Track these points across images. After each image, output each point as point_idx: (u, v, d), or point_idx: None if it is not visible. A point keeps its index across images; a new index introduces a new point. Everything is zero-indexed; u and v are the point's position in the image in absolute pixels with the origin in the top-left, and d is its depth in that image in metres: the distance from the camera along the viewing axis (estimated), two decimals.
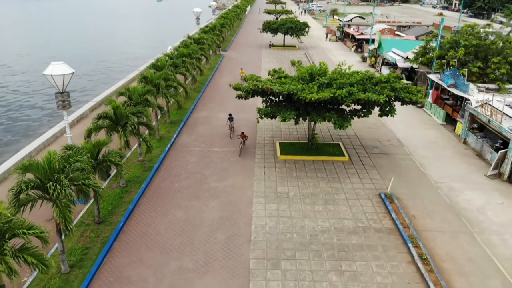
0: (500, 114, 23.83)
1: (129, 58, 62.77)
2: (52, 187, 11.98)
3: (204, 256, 15.47)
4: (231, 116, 27.34)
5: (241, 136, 24.80)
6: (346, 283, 14.28)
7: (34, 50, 70.26)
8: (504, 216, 19.02)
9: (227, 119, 27.44)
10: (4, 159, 23.75)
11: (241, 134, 24.86)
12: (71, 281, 13.77)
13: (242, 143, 24.70)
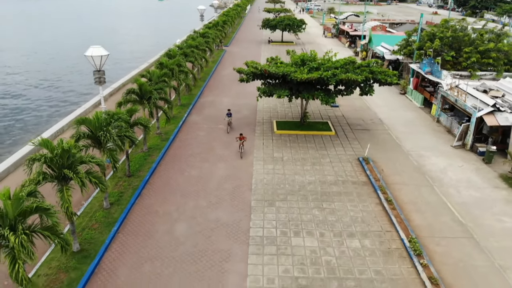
0: (465, 94, 27.90)
1: (135, 55, 66.79)
2: (103, 135, 16.03)
3: (215, 198, 19.53)
4: (229, 112, 28.05)
5: (239, 138, 23.94)
6: (325, 216, 18.34)
7: (53, 43, 74.35)
8: (461, 175, 23.06)
9: (226, 114, 28.18)
10: (43, 130, 27.87)
11: (240, 136, 24.00)
12: (112, 213, 17.83)
13: (241, 145, 23.97)
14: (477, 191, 21.20)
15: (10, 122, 36.12)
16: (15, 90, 45.65)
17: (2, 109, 39.25)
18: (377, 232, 17.34)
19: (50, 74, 52.64)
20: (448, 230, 17.78)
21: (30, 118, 37.22)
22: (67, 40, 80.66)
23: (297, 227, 17.47)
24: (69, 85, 48.29)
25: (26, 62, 59.84)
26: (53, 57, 62.40)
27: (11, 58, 62.44)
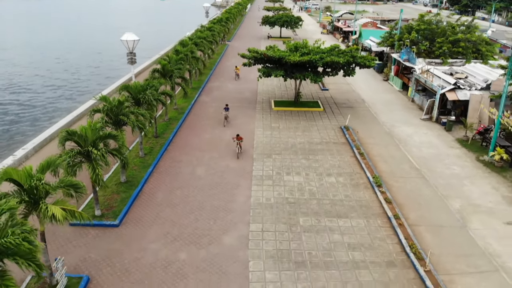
0: (432, 76, 33.20)
1: (145, 49, 71.93)
2: (142, 97, 21.30)
3: (225, 153, 24.78)
4: (227, 106, 29.46)
5: (236, 138, 23.65)
6: (310, 163, 23.61)
7: (71, 40, 79.60)
8: (425, 139, 28.29)
9: (223, 108, 29.46)
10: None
11: (237, 136, 23.71)
12: (146, 160, 23.09)
13: (239, 146, 23.70)
14: (435, 149, 26.48)
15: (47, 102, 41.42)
16: (49, 78, 50.94)
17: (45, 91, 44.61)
18: (349, 173, 22.63)
19: (72, 66, 57.99)
20: (405, 173, 23.06)
21: (69, 95, 42.53)
22: (82, 36, 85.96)
23: (288, 170, 22.76)
24: (90, 75, 53.55)
25: (49, 57, 65.07)
26: (72, 52, 67.67)
27: (29, 54, 67.65)
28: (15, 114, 37.92)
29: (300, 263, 15.35)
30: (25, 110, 39.21)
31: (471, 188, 21.54)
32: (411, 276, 14.87)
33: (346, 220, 18.18)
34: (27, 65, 57.96)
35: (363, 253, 16.01)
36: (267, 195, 20.04)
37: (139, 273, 14.61)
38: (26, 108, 39.65)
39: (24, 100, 42.21)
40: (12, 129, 34.38)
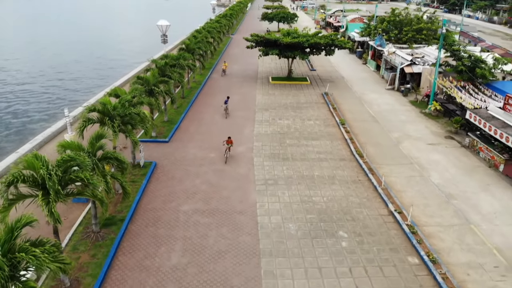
0: (395, 55, 42.20)
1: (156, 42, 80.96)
2: (169, 70, 30.22)
3: (236, 107, 33.73)
4: (227, 98, 32.37)
5: (227, 141, 23.59)
6: (297, 114, 32.58)
7: (86, 36, 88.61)
8: (385, 101, 37.14)
9: (224, 102, 32.19)
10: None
11: (227, 140, 23.62)
12: (179, 111, 32.05)
13: (228, 150, 23.59)
14: (391, 107, 35.47)
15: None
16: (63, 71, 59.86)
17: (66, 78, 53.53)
18: (324, 119, 31.65)
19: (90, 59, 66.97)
20: (364, 119, 32.03)
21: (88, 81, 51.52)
22: (93, 32, 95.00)
23: (280, 117, 31.78)
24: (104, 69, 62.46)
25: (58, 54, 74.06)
26: (84, 49, 76.64)
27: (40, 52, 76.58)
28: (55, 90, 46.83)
29: (285, 158, 24.37)
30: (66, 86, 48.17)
31: (409, 127, 30.55)
32: (354, 165, 23.89)
33: (317, 141, 27.20)
34: (58, 55, 66.91)
35: (325, 155, 25.04)
36: (265, 130, 29.06)
37: (185, 162, 23.61)
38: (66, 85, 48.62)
39: (67, 78, 51.21)
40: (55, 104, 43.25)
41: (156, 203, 19.29)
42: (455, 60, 33.15)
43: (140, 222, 17.71)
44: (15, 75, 52.24)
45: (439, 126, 30.80)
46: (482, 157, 25.37)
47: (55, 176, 12.25)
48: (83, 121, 17.16)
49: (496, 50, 53.57)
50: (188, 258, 15.54)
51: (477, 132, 26.72)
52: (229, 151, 23.75)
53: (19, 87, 46.84)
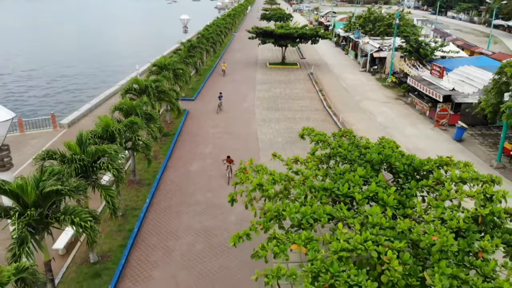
0: (367, 44, 52.80)
1: (164, 40, 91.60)
2: (186, 61, 40.72)
3: (240, 84, 44.25)
4: (221, 95, 34.80)
5: (226, 160, 21.73)
6: (287, 86, 43.10)
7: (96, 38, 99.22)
8: (356, 78, 47.67)
9: (218, 97, 34.81)
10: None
11: (227, 159, 21.74)
12: (194, 90, 42.57)
13: (229, 169, 21.58)
14: (360, 82, 45.95)
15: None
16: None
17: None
18: (307, 89, 42.16)
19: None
20: (338, 90, 42.50)
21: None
22: (105, 33, 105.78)
23: (274, 87, 42.31)
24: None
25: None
26: (97, 46, 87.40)
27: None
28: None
29: (277, 109, 34.85)
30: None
31: (370, 94, 41.04)
32: (324, 113, 34.36)
33: (300, 101, 37.70)
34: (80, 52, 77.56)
35: (305, 107, 35.55)
36: (263, 95, 39.57)
37: (207, 111, 34.04)
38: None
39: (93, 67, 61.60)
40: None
41: (193, 128, 29.84)
42: (406, 43, 43.69)
43: (185, 137, 28.15)
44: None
45: (393, 93, 41.33)
46: (417, 109, 35.87)
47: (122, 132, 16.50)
48: (149, 72, 27.62)
49: (457, 42, 64.26)
50: (216, 151, 25.97)
51: (415, 93, 37.23)
52: (230, 171, 21.45)
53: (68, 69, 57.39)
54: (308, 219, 11.50)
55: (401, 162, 14.43)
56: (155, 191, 20.65)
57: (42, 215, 10.20)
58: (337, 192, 12.88)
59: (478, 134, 30.72)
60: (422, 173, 14.45)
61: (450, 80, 34.49)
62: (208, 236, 17.31)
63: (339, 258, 10.12)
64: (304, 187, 13.17)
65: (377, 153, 14.66)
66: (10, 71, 56.95)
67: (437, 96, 31.98)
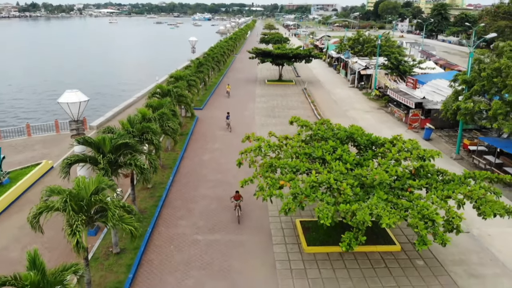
0: (356, 63, 58.90)
1: (174, 58, 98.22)
2: (182, 84, 46.65)
3: (243, 96, 50.01)
4: (228, 115, 36.12)
5: (234, 197, 20.12)
6: (283, 98, 48.85)
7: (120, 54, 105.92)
8: (345, 93, 53.53)
9: (226, 117, 36.12)
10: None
11: (236, 195, 20.11)
12: (204, 97, 48.31)
13: (238, 207, 20.03)
14: (348, 96, 51.72)
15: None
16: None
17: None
18: (301, 101, 47.87)
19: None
20: (328, 101, 48.19)
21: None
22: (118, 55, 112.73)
23: (272, 99, 48.01)
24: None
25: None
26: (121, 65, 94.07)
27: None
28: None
29: (274, 116, 40.39)
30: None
31: (356, 105, 46.71)
32: (314, 119, 39.91)
33: (294, 110, 43.26)
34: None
35: (299, 115, 40.89)
36: (262, 105, 45.21)
37: (213, 117, 39.53)
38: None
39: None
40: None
41: (202, 130, 35.34)
42: (388, 61, 49.67)
43: (196, 136, 33.54)
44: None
45: (376, 104, 47.03)
46: (396, 116, 41.43)
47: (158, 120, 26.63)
48: (167, 82, 33.24)
49: (440, 61, 70.60)
50: (223, 147, 31.28)
51: (394, 103, 42.87)
52: (240, 209, 20.02)
53: None
54: (292, 168, 16.83)
55: (362, 138, 19.83)
56: (176, 172, 25.91)
57: (115, 162, 15.53)
58: (314, 155, 18.25)
59: (445, 135, 36.18)
60: (377, 146, 19.82)
61: (423, 90, 40.22)
62: (220, 201, 22.48)
63: (311, 187, 15.41)
64: (290, 152, 18.56)
65: (344, 131, 20.09)
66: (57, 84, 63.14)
67: (410, 103, 37.61)
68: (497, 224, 21.02)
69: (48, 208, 12.45)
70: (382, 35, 67.20)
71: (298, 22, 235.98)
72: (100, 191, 12.70)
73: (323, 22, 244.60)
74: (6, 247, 18.25)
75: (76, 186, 12.66)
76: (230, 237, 18.97)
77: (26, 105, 55.05)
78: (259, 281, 16.08)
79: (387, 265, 17.27)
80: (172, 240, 18.65)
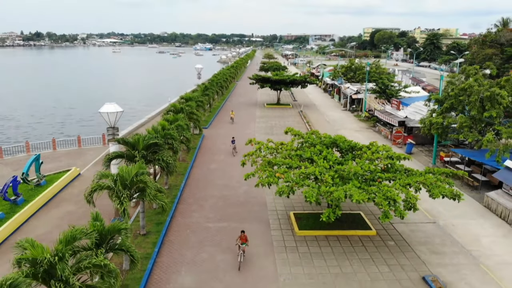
0: (348, 88, 63.89)
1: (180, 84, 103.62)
2: (192, 104, 51.46)
3: (244, 118, 54.60)
4: (233, 139, 37.29)
5: (240, 238, 18.76)
6: (281, 119, 53.43)
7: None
8: (338, 115, 58.21)
9: (231, 141, 37.33)
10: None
11: (241, 235, 18.88)
12: (214, 110, 52.89)
13: (243, 251, 18.56)
14: (340, 118, 56.31)
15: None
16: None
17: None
18: (297, 121, 52.43)
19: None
20: (322, 122, 52.72)
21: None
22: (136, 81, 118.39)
23: (271, 120, 52.56)
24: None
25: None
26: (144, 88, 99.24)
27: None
28: None
29: (272, 134, 44.77)
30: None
31: (348, 125, 51.21)
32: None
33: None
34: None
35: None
36: (262, 125, 49.69)
37: (218, 135, 43.87)
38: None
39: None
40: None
41: (208, 144, 39.62)
42: (376, 86, 54.54)
43: (203, 149, 37.74)
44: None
45: (365, 125, 51.58)
46: (382, 134, 45.83)
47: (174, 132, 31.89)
48: (179, 103, 37.83)
49: (428, 87, 75.75)
50: (228, 158, 35.45)
51: (381, 123, 47.37)
52: (243, 254, 18.60)
53: None
54: (286, 164, 21.04)
55: (344, 143, 24.10)
56: (188, 177, 30.01)
57: (146, 157, 19.76)
58: (304, 156, 22.46)
59: (426, 149, 40.46)
60: (356, 150, 24.06)
61: (406, 111, 44.82)
62: (226, 199, 26.51)
63: (301, 177, 19.57)
64: (285, 153, 22.80)
65: (329, 138, 24.40)
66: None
67: (394, 122, 42.10)
68: (461, 217, 25.14)
69: (100, 187, 16.54)
70: (373, 63, 72.61)
71: (296, 52, 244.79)
72: (139, 175, 16.81)
73: (320, 52, 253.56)
74: (50, 231, 22.07)
75: (121, 171, 16.81)
76: (235, 225, 22.89)
77: (52, 122, 60.02)
78: (260, 254, 19.94)
79: (364, 244, 21.16)
80: (188, 227, 22.59)
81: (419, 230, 23.14)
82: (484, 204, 26.79)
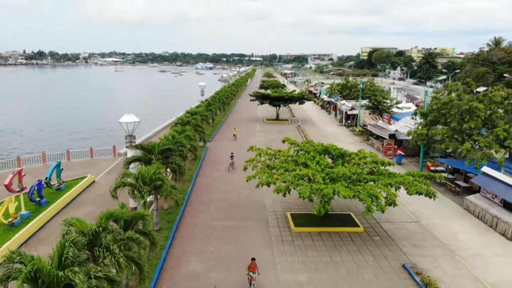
0: (342, 104, 67.14)
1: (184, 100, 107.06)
2: (197, 117, 54.64)
3: (244, 132, 57.62)
4: (232, 155, 37.96)
5: (250, 268, 17.55)
6: (280, 134, 56.36)
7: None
8: (334, 129, 61.26)
9: (230, 157, 37.82)
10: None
11: (251, 264, 17.60)
12: (220, 120, 55.88)
13: (253, 280, 17.45)
14: (335, 131, 59.34)
15: None
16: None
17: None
18: (295, 135, 55.33)
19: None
20: (318, 136, 55.66)
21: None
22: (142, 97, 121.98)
23: (270, 134, 55.56)
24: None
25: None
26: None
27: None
28: None
29: (272, 147, 47.69)
30: None
31: (342, 138, 54.19)
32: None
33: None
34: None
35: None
36: (261, 139, 52.64)
37: (220, 147, 46.76)
38: None
39: None
40: None
41: (212, 156, 42.48)
42: (369, 102, 57.74)
43: (207, 160, 40.56)
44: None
45: (359, 138, 54.57)
46: (375, 147, 48.76)
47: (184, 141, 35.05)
48: (185, 117, 40.88)
49: (421, 103, 79.06)
50: (228, 159, 38.29)
51: (374, 136, 50.36)
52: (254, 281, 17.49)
53: None
54: (283, 168, 23.90)
55: (335, 151, 27.02)
56: (193, 184, 32.79)
57: (160, 160, 22.64)
58: (299, 161, 25.36)
59: (415, 160, 43.31)
60: (346, 156, 26.95)
61: (396, 125, 47.87)
62: (229, 202, 29.24)
63: (296, 178, 22.41)
64: (282, 158, 25.68)
65: (322, 146, 27.32)
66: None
67: (385, 135, 45.08)
68: (442, 217, 27.84)
69: (123, 184, 19.36)
70: (367, 81, 76.15)
71: (295, 71, 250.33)
72: (157, 174, 19.65)
73: (319, 70, 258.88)
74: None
75: (141, 170, 19.66)
76: (238, 223, 25.60)
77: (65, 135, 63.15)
78: (260, 246, 22.60)
79: (352, 239, 23.83)
80: (196, 224, 25.29)
81: (403, 228, 25.80)
82: (464, 207, 29.49)
